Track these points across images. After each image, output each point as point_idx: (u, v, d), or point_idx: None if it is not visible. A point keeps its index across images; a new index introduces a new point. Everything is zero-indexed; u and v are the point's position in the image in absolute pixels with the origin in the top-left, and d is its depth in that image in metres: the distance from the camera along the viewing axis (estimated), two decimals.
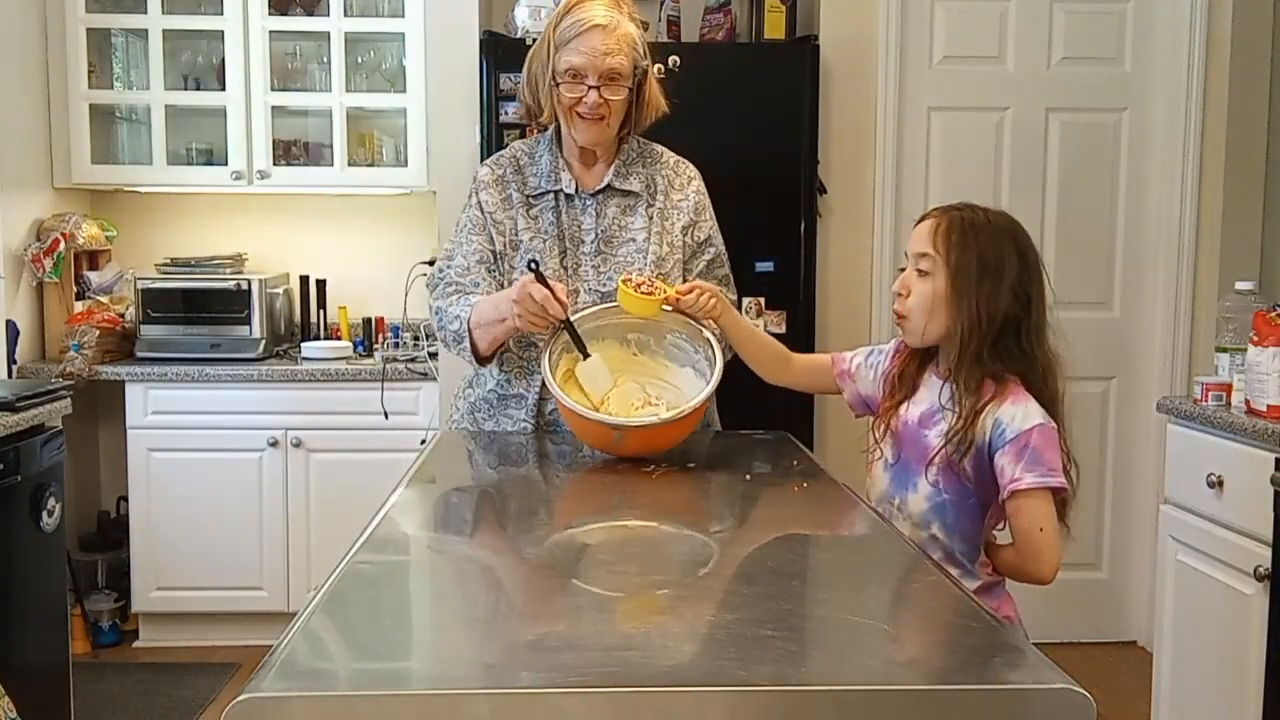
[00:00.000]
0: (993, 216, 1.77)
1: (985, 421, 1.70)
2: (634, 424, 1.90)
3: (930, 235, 1.76)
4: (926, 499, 1.75)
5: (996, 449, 1.69)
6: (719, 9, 3.76)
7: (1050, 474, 1.67)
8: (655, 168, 2.24)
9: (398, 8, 3.88)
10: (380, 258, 4.07)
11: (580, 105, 2.09)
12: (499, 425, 2.20)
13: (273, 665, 1.01)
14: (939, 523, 1.75)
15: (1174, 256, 3.71)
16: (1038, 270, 1.76)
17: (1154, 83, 3.73)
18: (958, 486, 1.73)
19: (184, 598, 3.73)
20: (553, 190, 2.19)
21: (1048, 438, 1.69)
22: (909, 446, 1.80)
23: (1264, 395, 2.40)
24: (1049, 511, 1.69)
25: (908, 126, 3.73)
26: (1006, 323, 1.72)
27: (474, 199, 2.23)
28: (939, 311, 1.75)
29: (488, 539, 1.60)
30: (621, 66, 2.09)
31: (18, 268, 3.71)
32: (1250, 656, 2.40)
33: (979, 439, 1.70)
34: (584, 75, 2.07)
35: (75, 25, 3.82)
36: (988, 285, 1.71)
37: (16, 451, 2.51)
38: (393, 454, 3.42)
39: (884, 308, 3.72)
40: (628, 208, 2.19)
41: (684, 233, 2.21)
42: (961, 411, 1.71)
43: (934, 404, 1.77)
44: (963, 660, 1.12)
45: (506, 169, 2.23)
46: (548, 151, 2.21)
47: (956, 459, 1.71)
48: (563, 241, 2.17)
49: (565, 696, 0.96)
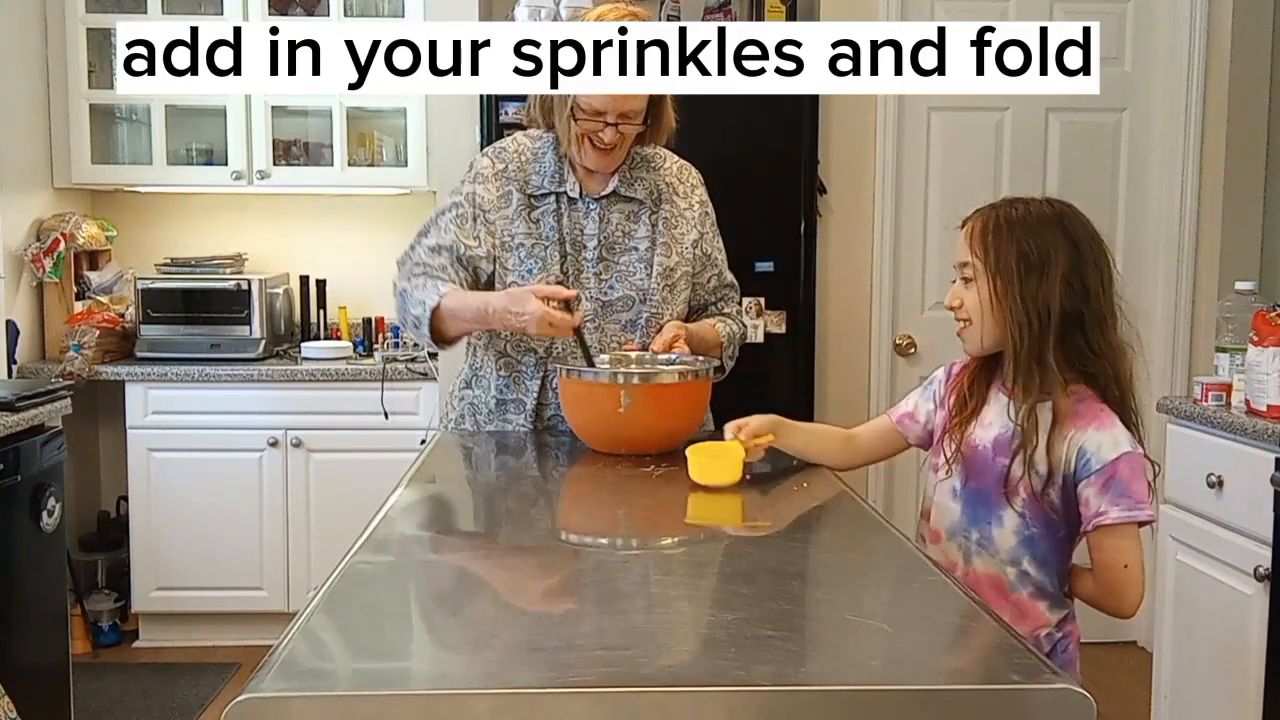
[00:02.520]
0: (1034, 207, 1.68)
1: (1069, 449, 1.60)
2: (643, 376, 1.91)
3: (968, 240, 1.68)
4: (1015, 533, 1.65)
5: (1081, 478, 1.60)
6: (719, 9, 3.76)
7: (1138, 507, 1.58)
8: (659, 174, 2.22)
9: (398, 8, 3.88)
10: (380, 258, 4.02)
11: (595, 136, 2.07)
12: (497, 428, 2.20)
13: (273, 665, 1.01)
14: (1029, 556, 1.65)
15: (1174, 256, 3.71)
16: (1096, 255, 1.65)
17: (1154, 83, 3.73)
18: (1045, 518, 1.64)
19: (184, 598, 3.73)
20: (555, 192, 2.16)
21: (1135, 467, 1.59)
22: (983, 474, 1.68)
23: (1264, 395, 2.40)
24: (1134, 546, 1.60)
25: (908, 126, 3.73)
26: (1066, 317, 1.61)
27: (467, 190, 2.17)
28: (989, 318, 1.65)
29: (487, 539, 1.60)
30: (641, 104, 2.08)
31: (18, 268, 3.71)
32: (1250, 656, 2.40)
33: (1063, 468, 1.61)
34: (604, 113, 2.05)
35: (75, 25, 3.82)
36: (1034, 281, 1.61)
37: (16, 451, 2.51)
38: (393, 454, 3.41)
39: (884, 308, 3.73)
40: (631, 214, 2.18)
41: (694, 245, 2.21)
42: (1025, 423, 1.61)
43: (1006, 426, 1.66)
44: (963, 660, 1.13)
45: (510, 164, 2.17)
46: (552, 150, 2.17)
47: (1039, 488, 1.61)
48: (564, 246, 2.14)
49: (565, 696, 0.96)
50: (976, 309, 1.67)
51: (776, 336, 3.45)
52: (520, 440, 2.13)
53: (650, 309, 2.16)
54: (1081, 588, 1.69)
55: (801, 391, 3.54)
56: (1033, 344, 1.61)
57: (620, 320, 2.15)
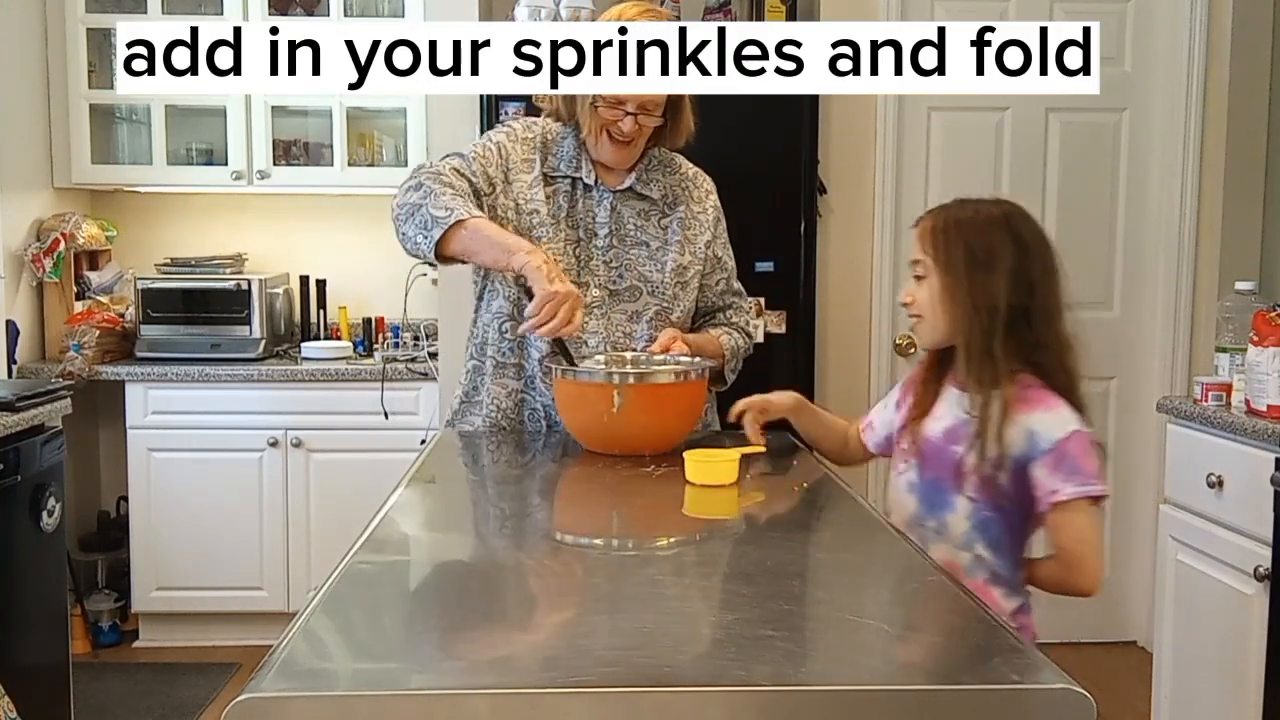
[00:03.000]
0: (982, 208, 1.75)
1: (1017, 432, 1.65)
2: (636, 376, 1.91)
3: (919, 239, 1.76)
4: (967, 517, 1.70)
5: (1033, 459, 1.65)
6: (719, 9, 3.76)
7: (1090, 482, 1.63)
8: (674, 177, 2.24)
9: (398, 8, 3.88)
10: (380, 258, 4.06)
11: (614, 127, 2.08)
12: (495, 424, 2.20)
13: (273, 665, 1.01)
14: (983, 541, 1.69)
15: (1174, 256, 3.71)
16: (1041, 252, 1.72)
17: (1154, 83, 3.74)
18: (994, 502, 1.68)
19: (184, 598, 3.73)
20: (572, 176, 2.16)
21: (1084, 444, 1.64)
22: (936, 464, 1.74)
23: (1264, 395, 2.40)
24: (1089, 521, 1.64)
25: (908, 126, 3.73)
26: (1013, 311, 1.68)
27: (498, 138, 2.16)
28: (940, 313, 1.73)
29: (487, 539, 1.60)
30: (661, 96, 2.09)
31: (18, 268, 3.71)
32: (1250, 656, 2.40)
33: (1014, 450, 1.65)
34: (624, 102, 2.06)
35: (75, 25, 3.83)
36: (980, 276, 1.68)
37: (16, 451, 2.51)
38: (393, 454, 3.41)
39: (884, 308, 3.73)
40: (643, 211, 2.19)
41: (706, 246, 2.23)
42: (980, 413, 1.66)
43: (957, 417, 1.72)
44: (963, 660, 1.12)
45: (537, 135, 2.18)
46: (573, 137, 2.18)
47: (991, 472, 1.66)
48: (576, 230, 2.15)
49: (565, 696, 0.96)
50: (928, 304, 1.74)
51: (776, 336, 3.45)
52: (520, 440, 2.13)
53: (660, 303, 2.17)
54: (1040, 572, 1.72)
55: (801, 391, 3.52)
56: (981, 336, 1.68)
57: (626, 311, 2.15)
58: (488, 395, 2.18)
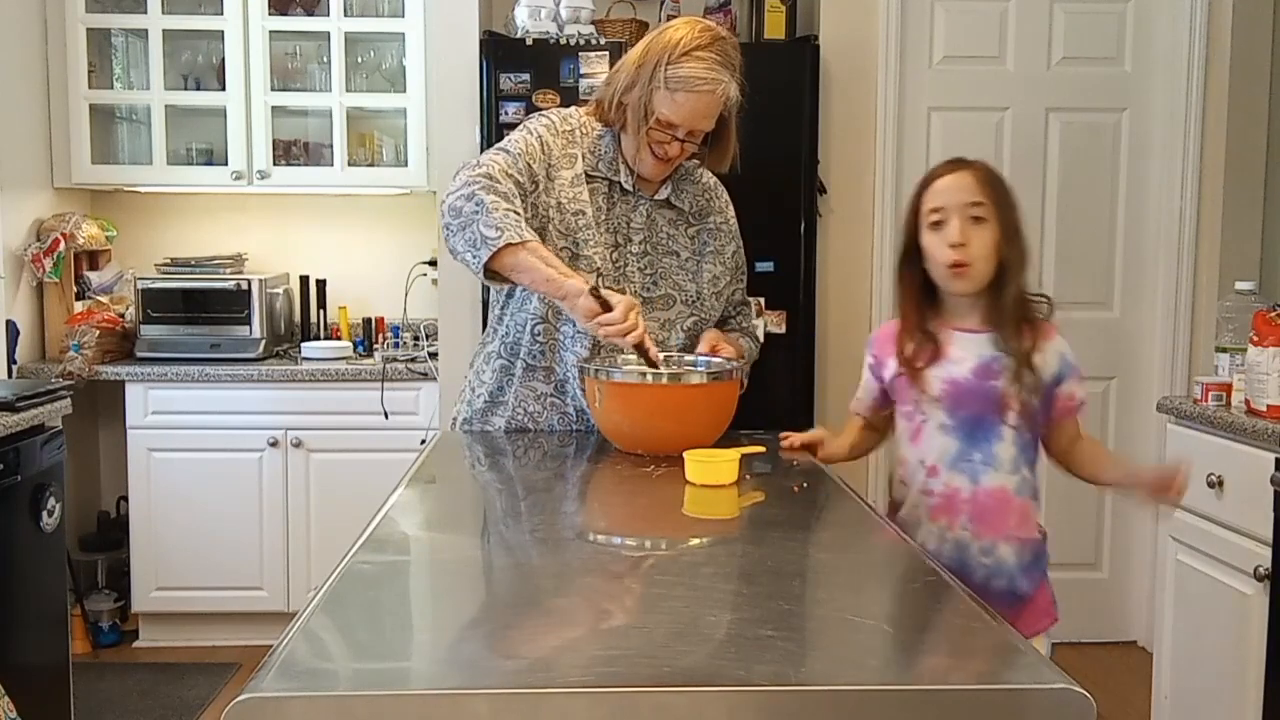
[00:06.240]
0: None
1: (1049, 357, 1.85)
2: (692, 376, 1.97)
3: (979, 184, 1.85)
4: (1013, 443, 1.85)
5: (1065, 378, 1.87)
6: (719, 9, 3.76)
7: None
8: (698, 187, 2.24)
9: (398, 8, 3.88)
10: (380, 258, 4.08)
11: (660, 147, 2.08)
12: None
13: (273, 665, 1.01)
14: (1025, 462, 1.87)
15: (1174, 256, 3.71)
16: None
17: (1154, 83, 3.74)
18: (1031, 424, 1.86)
19: (184, 598, 3.73)
20: (609, 178, 2.15)
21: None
22: (973, 401, 1.85)
23: (1264, 395, 2.40)
24: None
25: (908, 126, 3.73)
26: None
27: (539, 130, 2.12)
28: (992, 256, 1.84)
29: (487, 539, 1.60)
30: (710, 125, 2.10)
31: (18, 268, 3.71)
32: (1250, 656, 2.41)
33: (1048, 372, 1.85)
34: (676, 126, 2.06)
35: (75, 25, 3.83)
36: (1021, 221, 1.86)
37: (16, 451, 2.51)
38: (393, 454, 3.42)
39: (884, 308, 3.72)
40: (673, 221, 2.20)
41: (732, 256, 2.27)
42: (1018, 346, 1.83)
43: (981, 356, 1.85)
44: (963, 660, 1.12)
45: (576, 129, 2.15)
46: (611, 138, 2.16)
47: (1027, 397, 1.83)
48: (614, 235, 2.15)
49: (565, 696, 0.96)
50: (984, 248, 1.83)
51: (776, 336, 3.45)
52: (519, 439, 2.13)
53: (695, 313, 2.19)
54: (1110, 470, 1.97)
55: (801, 391, 3.54)
56: (1022, 280, 1.86)
57: (659, 319, 2.16)
58: (514, 397, 2.18)
